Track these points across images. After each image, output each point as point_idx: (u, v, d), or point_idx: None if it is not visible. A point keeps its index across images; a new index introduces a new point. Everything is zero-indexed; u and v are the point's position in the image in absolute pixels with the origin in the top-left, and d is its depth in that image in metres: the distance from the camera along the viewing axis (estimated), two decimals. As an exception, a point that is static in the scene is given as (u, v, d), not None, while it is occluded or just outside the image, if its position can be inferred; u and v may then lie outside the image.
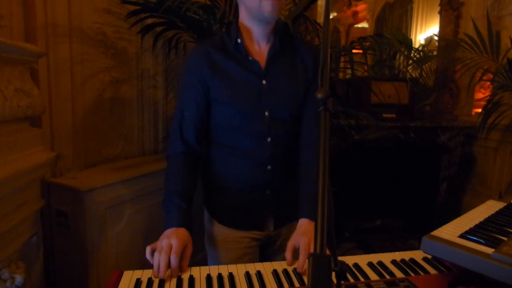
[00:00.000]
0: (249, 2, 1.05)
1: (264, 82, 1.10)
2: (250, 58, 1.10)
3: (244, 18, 1.11)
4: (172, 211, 1.02)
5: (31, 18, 1.55)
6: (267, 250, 1.28)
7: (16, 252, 1.19)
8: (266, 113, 1.10)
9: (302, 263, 0.93)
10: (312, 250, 0.96)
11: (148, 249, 0.94)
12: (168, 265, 0.89)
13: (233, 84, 1.09)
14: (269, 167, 1.13)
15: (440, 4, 3.24)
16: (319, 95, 0.57)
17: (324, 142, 0.54)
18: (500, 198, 1.18)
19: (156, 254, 0.91)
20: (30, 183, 1.24)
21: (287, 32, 1.13)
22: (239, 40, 1.09)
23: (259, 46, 1.13)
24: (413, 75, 3.45)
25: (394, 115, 2.87)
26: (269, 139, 1.12)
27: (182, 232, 0.98)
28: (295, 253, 0.98)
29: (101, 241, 1.67)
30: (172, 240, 0.93)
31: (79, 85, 1.79)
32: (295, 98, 1.14)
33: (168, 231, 0.98)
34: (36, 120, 1.46)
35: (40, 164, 1.23)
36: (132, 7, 1.89)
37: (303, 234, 1.00)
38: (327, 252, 0.45)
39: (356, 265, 0.96)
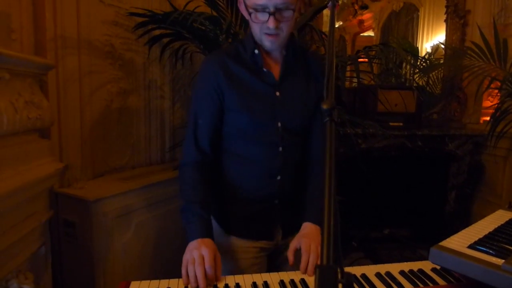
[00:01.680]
0: (253, 32, 1.07)
1: (277, 93, 1.11)
2: (264, 69, 1.11)
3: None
4: (194, 222, 1.02)
5: (41, 31, 1.58)
6: (275, 261, 1.27)
7: (25, 263, 1.20)
8: (279, 124, 1.11)
9: (304, 265, 0.95)
10: (313, 252, 0.97)
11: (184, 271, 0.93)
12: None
13: (248, 94, 1.09)
14: (278, 177, 1.14)
15: (446, 12, 3.24)
16: (325, 106, 0.58)
17: (329, 153, 0.54)
18: (510, 208, 1.16)
19: (190, 267, 0.91)
20: (38, 194, 1.25)
21: (300, 43, 1.15)
22: (256, 51, 1.10)
23: (273, 58, 1.14)
24: (420, 83, 3.44)
25: (401, 124, 2.85)
26: (280, 149, 1.12)
27: (209, 242, 0.98)
28: (297, 254, 0.99)
29: (108, 251, 1.67)
30: (202, 251, 0.93)
31: (87, 96, 1.81)
32: (307, 110, 1.15)
33: (194, 243, 0.97)
34: (45, 131, 1.48)
35: (49, 175, 1.25)
36: (140, 19, 1.92)
37: (305, 236, 1.02)
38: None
39: (363, 276, 0.95)
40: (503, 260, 0.78)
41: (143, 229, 1.87)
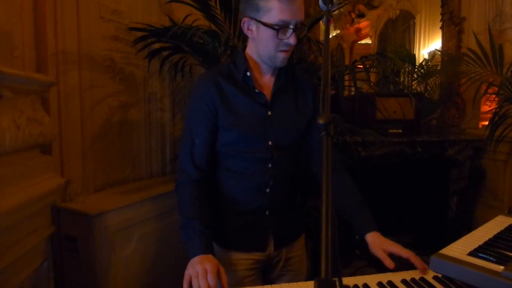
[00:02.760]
0: (264, 50, 1.09)
1: (269, 113, 1.13)
2: (256, 90, 1.13)
3: (253, 53, 1.14)
4: (195, 238, 1.02)
5: (43, 47, 1.60)
6: (270, 275, 1.27)
7: (27, 279, 1.20)
8: (270, 142, 1.13)
9: (420, 264, 0.98)
10: (402, 252, 1.02)
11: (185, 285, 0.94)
12: None
13: (240, 113, 1.11)
14: (268, 190, 1.16)
15: (442, 20, 3.27)
16: (321, 121, 0.59)
17: (326, 167, 0.55)
18: (509, 213, 1.16)
19: (194, 281, 0.91)
20: (40, 210, 1.26)
21: (289, 64, 1.17)
22: (248, 73, 1.12)
23: (265, 78, 1.16)
24: (418, 89, 3.46)
25: (400, 131, 2.86)
26: (269, 165, 1.14)
27: (210, 258, 0.99)
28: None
29: (110, 265, 1.67)
30: (206, 265, 0.94)
31: (88, 111, 1.83)
32: (298, 128, 1.19)
33: (197, 258, 0.98)
34: (46, 147, 1.49)
35: (50, 191, 1.26)
36: (139, 33, 1.95)
37: (385, 241, 1.09)
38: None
39: (365, 286, 0.95)
40: (503, 267, 0.78)
41: (145, 242, 1.87)
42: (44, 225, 1.33)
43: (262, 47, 1.08)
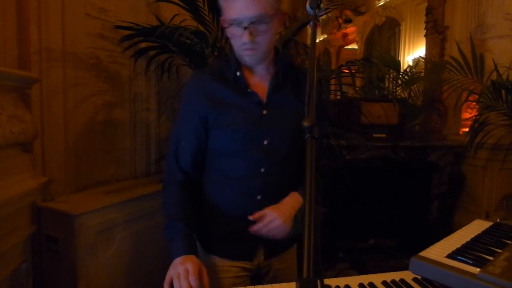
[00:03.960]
0: (234, 48, 1.07)
1: (264, 112, 1.10)
2: (249, 90, 1.09)
3: None
4: (178, 239, 1.01)
5: (25, 44, 1.57)
6: (260, 283, 1.25)
7: (5, 280, 1.18)
8: (265, 142, 1.10)
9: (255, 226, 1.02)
10: (268, 216, 1.03)
11: (166, 285, 0.93)
12: None
13: (232, 112, 1.09)
14: (259, 197, 1.12)
15: (426, 28, 3.35)
16: (305, 123, 0.60)
17: (310, 170, 0.55)
18: (487, 217, 1.20)
19: (175, 282, 0.91)
20: (20, 209, 1.23)
21: (287, 61, 1.15)
22: (238, 73, 1.09)
23: (260, 77, 1.12)
24: (402, 95, 3.53)
25: (384, 135, 2.91)
26: (262, 170, 1.11)
27: (193, 258, 0.98)
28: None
29: (92, 266, 1.65)
30: (187, 265, 0.93)
31: (72, 109, 1.80)
32: (296, 128, 1.10)
33: (179, 259, 0.97)
34: (27, 145, 1.46)
35: (31, 190, 1.23)
36: (126, 32, 1.93)
37: (273, 206, 1.05)
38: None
39: (347, 287, 0.96)
40: (479, 269, 0.81)
41: (128, 243, 1.84)
42: (24, 225, 1.30)
43: (233, 45, 1.07)
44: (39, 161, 1.62)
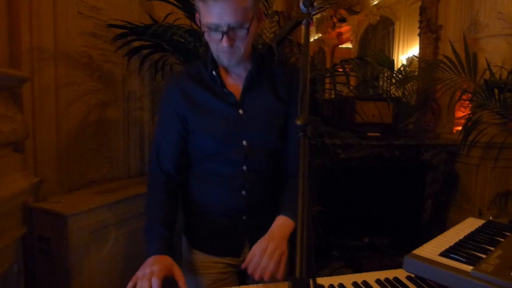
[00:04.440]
0: (212, 50, 1.05)
1: (240, 111, 1.09)
2: (225, 89, 1.09)
3: None
4: (154, 239, 1.01)
5: (17, 43, 1.55)
6: (247, 281, 1.24)
7: (-4, 281, 1.16)
8: (244, 142, 1.09)
9: (253, 266, 0.93)
10: (268, 254, 0.95)
11: (130, 284, 0.92)
12: None
13: (209, 115, 1.08)
14: (243, 192, 1.12)
15: (420, 27, 3.37)
16: (298, 122, 0.59)
17: (303, 168, 0.55)
18: (480, 215, 1.20)
19: (138, 283, 0.90)
20: (11, 210, 1.22)
21: (265, 59, 1.13)
22: (214, 73, 1.08)
23: (236, 76, 1.12)
24: (396, 94, 3.54)
25: (378, 134, 2.92)
26: (244, 167, 1.10)
27: (164, 258, 0.97)
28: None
29: (85, 267, 1.63)
30: (153, 267, 0.92)
31: (64, 109, 1.78)
32: (275, 126, 1.12)
33: (150, 259, 0.96)
34: (18, 145, 1.45)
35: (22, 190, 1.22)
36: (119, 31, 1.92)
37: (267, 236, 1.00)
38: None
39: (341, 286, 0.96)
40: (472, 267, 0.81)
41: (122, 243, 1.83)
42: (15, 226, 1.28)
43: (210, 47, 1.05)
44: (31, 161, 1.60)
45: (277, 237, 1.00)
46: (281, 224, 1.04)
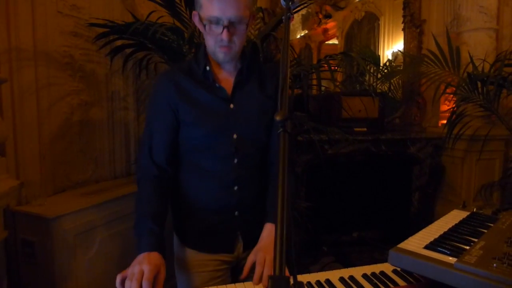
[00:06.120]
0: (208, 44, 1.09)
1: (231, 106, 1.12)
2: (217, 85, 1.12)
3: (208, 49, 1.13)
4: (144, 235, 1.00)
5: (-7, 43, 1.52)
6: (240, 275, 1.26)
7: (-23, 288, 1.13)
8: (235, 136, 1.12)
9: (257, 277, 0.94)
10: (267, 265, 0.97)
11: (118, 278, 0.91)
12: None
13: (201, 108, 1.11)
14: (235, 188, 1.14)
15: (404, 22, 3.39)
16: (278, 118, 0.59)
17: (283, 164, 0.55)
18: (464, 207, 1.22)
19: (127, 282, 0.88)
20: (-9, 214, 1.19)
21: (254, 57, 1.17)
22: (207, 68, 1.12)
23: (227, 72, 1.15)
24: (382, 89, 3.57)
25: (365, 129, 2.94)
26: (235, 161, 1.13)
27: (155, 256, 0.96)
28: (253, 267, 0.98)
29: (70, 270, 1.61)
30: (143, 266, 0.90)
31: (46, 110, 1.75)
32: (264, 121, 1.16)
33: (140, 257, 0.95)
34: (-1, 148, 1.41)
35: (3, 194, 1.19)
36: (100, 30, 1.88)
37: (261, 249, 1.02)
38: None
39: (327, 281, 0.96)
40: (456, 259, 0.81)
41: (109, 245, 1.81)
42: (-4, 230, 1.25)
43: (206, 41, 1.09)
44: (12, 164, 1.57)
45: (270, 247, 1.02)
46: (271, 233, 1.06)
